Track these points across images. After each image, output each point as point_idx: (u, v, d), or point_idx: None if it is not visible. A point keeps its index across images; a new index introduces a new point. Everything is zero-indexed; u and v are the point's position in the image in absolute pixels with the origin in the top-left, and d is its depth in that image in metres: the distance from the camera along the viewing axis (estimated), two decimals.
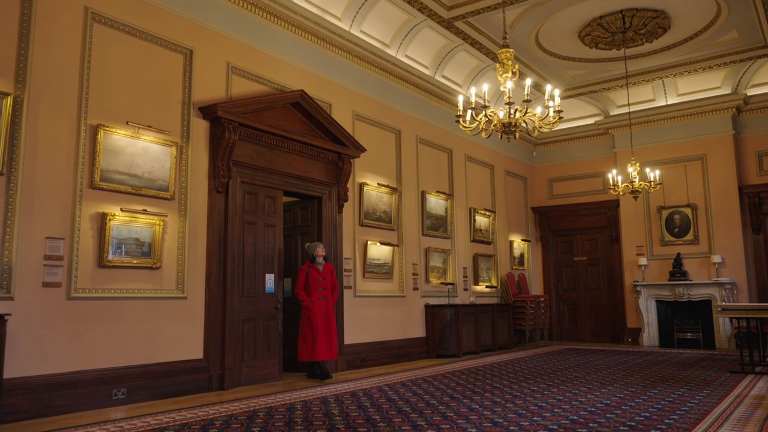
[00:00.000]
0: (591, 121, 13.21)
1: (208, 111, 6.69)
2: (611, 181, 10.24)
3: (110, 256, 5.68)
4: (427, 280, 10.09)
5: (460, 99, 6.59)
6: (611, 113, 12.83)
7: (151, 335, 5.98)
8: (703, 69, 11.04)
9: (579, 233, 13.49)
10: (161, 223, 6.11)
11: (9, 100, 5.05)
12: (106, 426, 4.62)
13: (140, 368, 5.83)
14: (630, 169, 9.98)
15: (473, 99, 6.40)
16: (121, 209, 5.82)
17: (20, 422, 4.81)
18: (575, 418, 4.79)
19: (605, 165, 12.79)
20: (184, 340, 6.28)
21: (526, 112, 6.06)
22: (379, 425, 4.55)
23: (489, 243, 11.93)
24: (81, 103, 5.64)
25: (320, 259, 7.43)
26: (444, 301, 10.30)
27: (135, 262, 5.88)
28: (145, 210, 6.01)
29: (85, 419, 4.93)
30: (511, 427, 4.44)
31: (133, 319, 5.84)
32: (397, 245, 9.44)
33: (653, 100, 12.28)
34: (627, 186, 9.98)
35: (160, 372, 5.98)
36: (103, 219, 5.67)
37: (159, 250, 6.07)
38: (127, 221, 5.84)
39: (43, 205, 5.28)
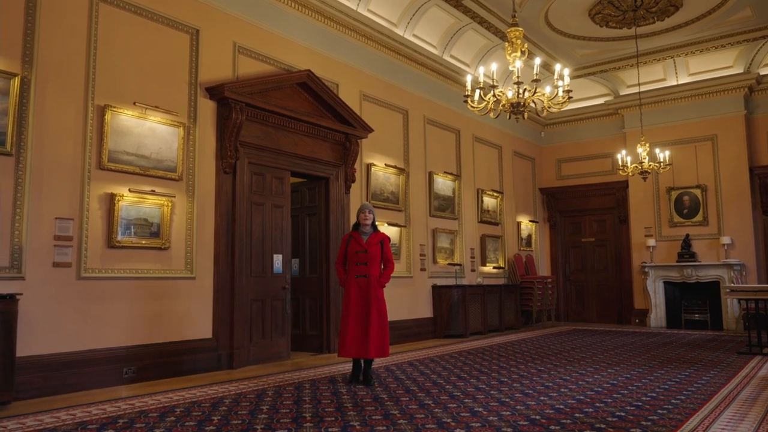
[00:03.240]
0: (600, 101, 13.08)
1: (215, 91, 6.67)
2: (620, 162, 10.17)
3: (119, 237, 5.71)
4: (435, 261, 10.10)
5: (469, 79, 6.53)
6: (621, 93, 12.69)
7: (160, 315, 6.04)
8: (716, 48, 10.88)
9: (587, 214, 13.44)
10: (169, 204, 6.12)
11: (17, 81, 5.05)
12: (117, 404, 4.69)
13: (150, 347, 5.90)
14: (639, 150, 9.90)
15: (482, 79, 6.34)
16: (130, 190, 5.83)
17: (34, 399, 4.89)
18: (582, 398, 4.81)
19: (614, 145, 12.69)
20: (193, 319, 6.34)
21: (535, 92, 5.99)
22: (387, 404, 4.59)
23: (496, 224, 11.91)
24: (88, 83, 5.64)
25: (366, 227, 5.80)
26: (451, 281, 10.32)
27: (144, 242, 5.91)
28: (153, 191, 6.03)
29: (97, 397, 5.00)
30: (518, 406, 4.47)
31: (142, 299, 5.89)
32: (405, 226, 9.44)
33: (664, 79, 12.13)
34: (636, 167, 9.91)
35: (170, 351, 6.05)
36: (111, 200, 5.69)
37: (167, 231, 6.10)
38: (136, 202, 5.87)
39: (52, 186, 5.30)
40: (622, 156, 10.15)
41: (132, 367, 5.70)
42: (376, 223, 8.76)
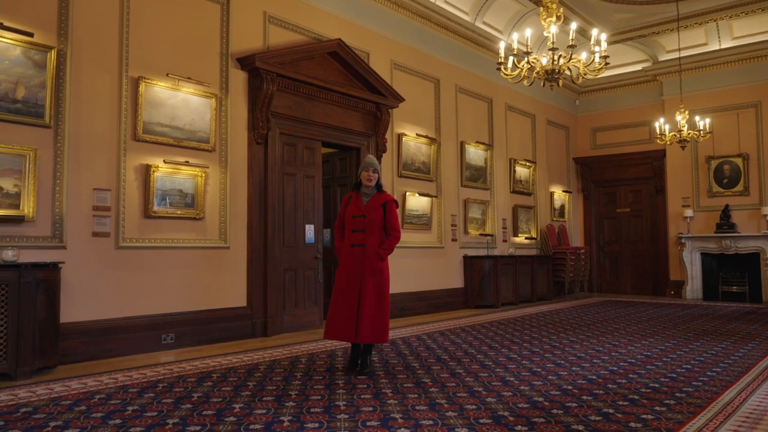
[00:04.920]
0: (638, 67, 12.68)
1: (246, 62, 6.67)
2: (658, 131, 9.90)
3: (155, 207, 5.82)
4: (466, 232, 10.06)
5: (502, 45, 6.39)
6: (660, 59, 12.27)
7: (196, 283, 6.17)
8: (761, 10, 10.39)
9: (622, 184, 13.18)
10: (203, 175, 6.20)
11: (53, 54, 5.13)
12: (156, 369, 4.84)
13: (187, 314, 6.04)
14: (678, 118, 9.61)
15: (515, 45, 6.20)
16: (164, 161, 5.92)
17: (78, 363, 5.07)
18: (615, 368, 4.78)
19: (652, 113, 12.34)
20: (227, 288, 6.46)
21: (570, 59, 5.85)
22: (418, 372, 4.64)
23: (529, 194, 11.77)
24: (122, 55, 5.69)
25: (367, 187, 4.81)
26: (482, 252, 10.28)
27: (179, 212, 6.01)
28: (187, 162, 6.11)
29: (138, 362, 5.17)
30: (550, 376, 4.47)
31: (179, 268, 6.02)
32: (436, 196, 9.40)
33: (705, 44, 11.67)
34: (675, 135, 9.64)
35: (206, 318, 6.19)
36: (147, 171, 5.79)
37: (201, 201, 6.19)
38: (170, 173, 5.95)
39: (89, 158, 5.41)
40: (660, 124, 9.87)
41: (170, 334, 5.86)
42: (409, 192, 8.82)
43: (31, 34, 5.01)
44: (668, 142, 9.86)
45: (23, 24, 5.01)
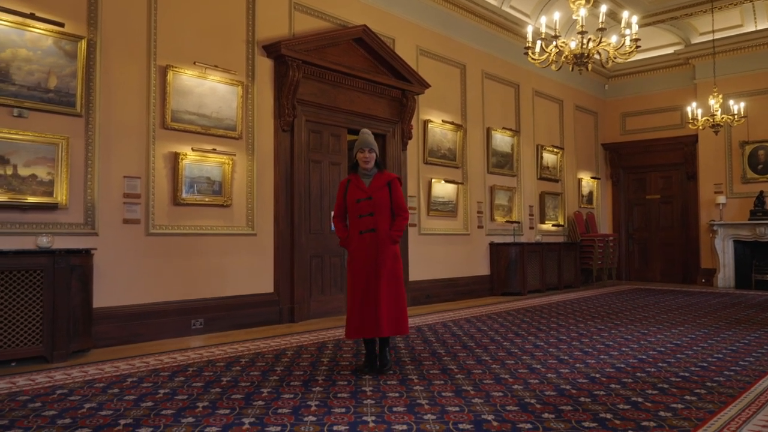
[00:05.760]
0: (670, 50, 12.36)
1: (272, 49, 6.69)
2: (690, 115, 9.68)
3: (183, 194, 5.89)
4: (492, 219, 10.00)
5: (529, 29, 6.30)
6: (693, 41, 11.95)
7: (224, 270, 6.25)
8: None
9: (652, 170, 12.93)
10: (230, 162, 6.26)
11: (83, 43, 5.20)
12: (186, 353, 4.93)
13: (216, 300, 6.13)
14: (711, 102, 9.38)
15: (543, 29, 6.10)
16: (192, 149, 5.99)
17: (110, 347, 5.20)
18: (644, 357, 4.72)
19: (684, 98, 12.05)
20: (255, 274, 6.53)
21: (600, 42, 5.74)
22: (444, 359, 4.64)
23: (556, 181, 11.63)
24: (150, 44, 5.75)
25: (366, 166, 4.41)
26: (509, 239, 10.21)
27: (207, 200, 6.08)
28: (215, 149, 6.16)
29: (168, 346, 5.27)
30: (577, 364, 4.43)
31: (207, 254, 6.11)
32: (462, 183, 9.34)
33: (741, 25, 11.32)
34: (707, 120, 9.41)
35: (234, 304, 6.28)
36: (175, 158, 5.86)
37: (229, 189, 6.25)
38: (198, 160, 6.02)
39: (119, 146, 5.50)
40: (692, 108, 9.65)
41: (200, 319, 5.96)
42: (434, 179, 8.78)
43: (62, 25, 5.09)
44: (701, 127, 9.63)
45: (54, 14, 5.09)
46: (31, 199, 4.86)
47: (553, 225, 11.44)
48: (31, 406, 3.38)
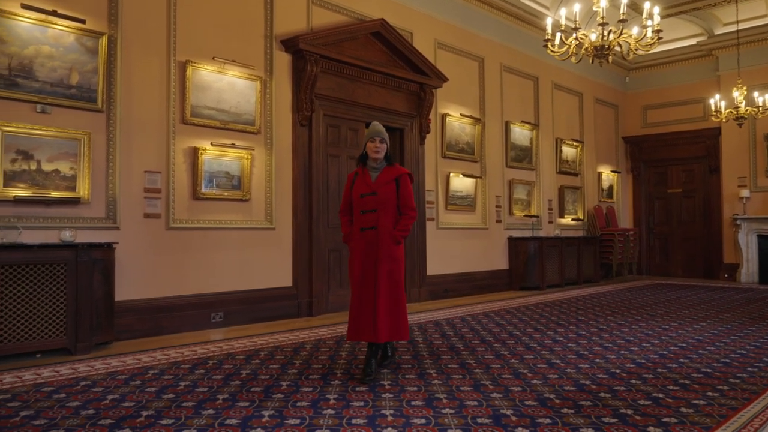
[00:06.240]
0: (692, 41, 12.16)
1: (290, 44, 6.70)
2: (713, 108, 9.51)
3: (203, 189, 5.94)
4: (511, 213, 9.94)
5: (549, 22, 6.24)
6: (716, 32, 11.73)
7: (243, 264, 6.30)
8: None
9: (674, 164, 12.75)
10: (249, 157, 6.29)
11: (104, 40, 5.26)
12: (206, 346, 4.98)
13: (235, 294, 6.19)
14: (735, 94, 9.21)
15: (563, 21, 6.03)
16: (211, 144, 6.03)
17: (131, 340, 5.27)
18: (665, 353, 4.67)
19: (706, 90, 11.85)
20: (273, 268, 6.57)
21: (621, 34, 5.66)
22: (462, 353, 4.64)
23: (576, 174, 11.52)
24: (169, 39, 5.79)
25: (375, 160, 4.14)
26: (528, 233, 10.15)
27: (226, 194, 6.13)
28: (234, 144, 6.20)
29: (189, 339, 5.33)
30: (597, 360, 4.40)
31: (226, 249, 6.16)
32: (480, 177, 9.30)
33: (766, 15, 11.10)
34: (731, 112, 9.25)
35: (253, 298, 6.32)
36: (195, 153, 5.90)
37: (248, 183, 6.29)
38: (217, 155, 6.06)
39: (140, 141, 5.56)
40: (716, 101, 9.48)
41: (219, 313, 6.01)
42: (452, 173, 8.75)
43: (83, 21, 5.15)
44: (724, 120, 9.47)
45: (76, 11, 5.15)
46: (55, 194, 4.94)
47: (573, 219, 11.35)
48: (56, 396, 3.45)
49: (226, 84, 6.15)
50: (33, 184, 4.84)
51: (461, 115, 8.98)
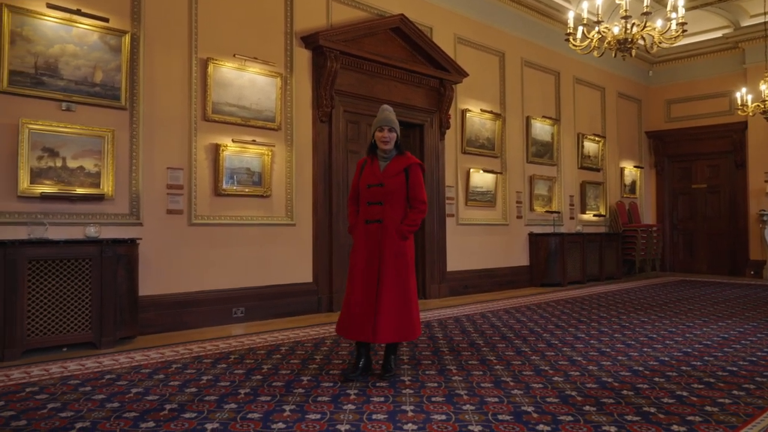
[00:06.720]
0: (718, 34, 11.93)
1: (310, 40, 6.71)
2: (739, 101, 9.34)
3: (224, 185, 5.99)
4: (531, 209, 9.87)
5: (571, 15, 6.17)
6: (743, 24, 11.50)
7: (264, 259, 6.34)
8: None
9: (699, 159, 12.54)
10: (269, 153, 6.33)
11: (127, 38, 5.32)
12: (228, 341, 5.03)
13: (256, 289, 6.23)
14: (763, 87, 9.04)
15: (585, 15, 5.96)
16: (233, 140, 6.07)
17: (154, 335, 5.34)
18: (689, 350, 4.60)
19: (733, 83, 11.63)
20: (294, 264, 6.61)
21: (644, 27, 5.58)
22: (483, 350, 4.62)
23: (598, 170, 11.40)
24: (191, 37, 5.84)
25: (386, 151, 3.91)
26: (549, 229, 10.07)
27: (247, 190, 6.17)
28: (254, 141, 6.24)
29: (211, 334, 5.38)
30: (620, 357, 4.35)
31: (247, 244, 6.20)
32: (501, 173, 9.24)
33: None
34: (758, 106, 9.08)
35: (274, 294, 6.37)
36: (216, 150, 5.95)
37: (268, 179, 6.33)
38: (238, 152, 6.10)
39: (162, 138, 5.62)
40: (742, 94, 9.31)
41: (241, 308, 6.06)
42: (473, 169, 8.70)
43: (106, 20, 5.22)
44: (751, 114, 9.29)
45: (99, 10, 5.21)
46: (79, 191, 5.01)
47: (594, 215, 11.23)
48: (82, 389, 3.51)
49: (246, 81, 6.19)
50: (58, 181, 4.92)
51: (481, 110, 8.93)
